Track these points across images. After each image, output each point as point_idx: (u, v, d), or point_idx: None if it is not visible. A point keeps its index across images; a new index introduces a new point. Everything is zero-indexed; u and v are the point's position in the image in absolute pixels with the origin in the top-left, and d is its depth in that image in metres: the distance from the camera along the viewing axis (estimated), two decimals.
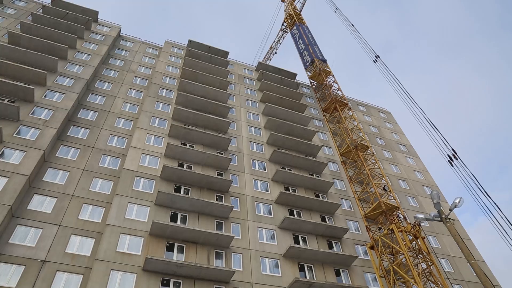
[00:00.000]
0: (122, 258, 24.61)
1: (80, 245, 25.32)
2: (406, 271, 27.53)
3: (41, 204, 26.73)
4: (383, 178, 35.46)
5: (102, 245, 24.80)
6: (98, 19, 50.63)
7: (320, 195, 37.30)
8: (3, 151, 27.98)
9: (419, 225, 28.64)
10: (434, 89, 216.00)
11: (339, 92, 47.55)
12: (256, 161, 37.85)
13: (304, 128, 43.38)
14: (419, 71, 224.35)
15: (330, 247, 32.56)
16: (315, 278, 28.92)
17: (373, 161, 39.43)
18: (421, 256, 28.90)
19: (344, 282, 29.80)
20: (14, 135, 29.45)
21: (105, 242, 25.00)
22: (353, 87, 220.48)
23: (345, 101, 45.24)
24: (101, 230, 26.50)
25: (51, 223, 25.71)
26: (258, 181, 35.55)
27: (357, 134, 43.01)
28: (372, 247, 30.45)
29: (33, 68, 34.54)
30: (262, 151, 39.52)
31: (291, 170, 38.37)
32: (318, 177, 39.10)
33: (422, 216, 20.03)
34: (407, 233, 28.60)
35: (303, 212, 34.36)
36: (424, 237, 28.74)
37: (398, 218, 30.03)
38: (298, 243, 31.39)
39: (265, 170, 37.22)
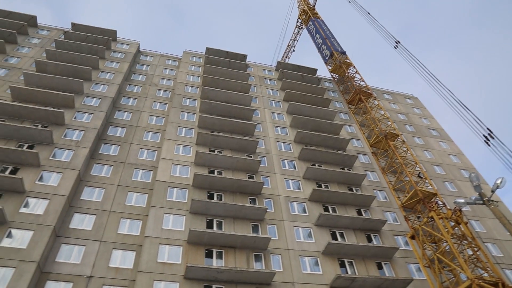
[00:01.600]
0: (164, 268, 25.01)
1: (122, 259, 25.93)
2: (452, 259, 26.67)
3: (81, 222, 27.58)
4: (417, 165, 34.53)
5: (143, 257, 25.31)
6: (117, 38, 51.87)
7: (353, 188, 36.75)
8: (42, 174, 29.10)
9: (460, 210, 27.69)
10: (461, 67, 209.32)
11: (362, 83, 46.76)
12: (286, 161, 37.70)
13: (330, 123, 42.90)
14: (443, 51, 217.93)
15: (369, 240, 31.98)
16: (357, 273, 28.47)
17: (405, 149, 38.45)
18: (465, 242, 27.96)
19: (387, 275, 29.18)
20: (50, 158, 30.58)
21: (145, 254, 25.50)
22: (376, 76, 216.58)
23: (369, 91, 44.43)
24: (141, 242, 27.04)
25: (93, 240, 26.49)
26: (290, 180, 35.39)
27: (385, 123, 42.07)
28: (412, 237, 29.70)
29: (61, 92, 35.80)
30: (291, 150, 39.33)
31: (321, 166, 38.01)
32: (350, 170, 38.54)
33: (462, 200, 19.38)
34: (448, 219, 27.72)
35: (338, 208, 33.92)
36: (467, 222, 27.78)
37: (437, 204, 29.15)
38: (336, 239, 31.00)
39: (295, 168, 37.00)
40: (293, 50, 73.11)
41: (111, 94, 39.84)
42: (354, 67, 48.98)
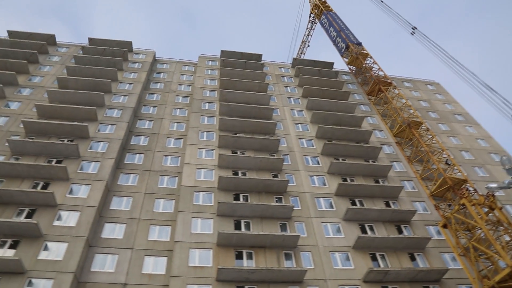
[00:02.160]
0: (195, 272, 25.27)
1: (154, 265, 26.35)
2: (488, 246, 25.86)
3: (112, 231, 28.19)
4: (444, 152, 33.67)
5: (175, 262, 25.64)
6: (133, 48, 52.73)
7: (379, 180, 36.19)
8: (71, 187, 29.91)
9: (493, 195, 26.81)
10: (482, 48, 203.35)
11: (380, 73, 45.96)
12: (309, 157, 37.47)
13: (351, 116, 42.40)
14: (460, 37, 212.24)
15: (400, 231, 31.42)
16: (389, 266, 28.02)
17: (430, 136, 37.54)
18: (501, 228, 27.05)
19: (421, 266, 28.59)
20: (78, 171, 31.40)
21: (176, 259, 25.82)
22: (394, 65, 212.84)
23: (388, 80, 43.62)
24: (171, 247, 27.40)
25: (125, 248, 27.03)
26: (314, 177, 35.15)
27: (407, 111, 41.21)
28: (444, 226, 28.95)
29: (83, 106, 36.71)
30: (313, 146, 39.06)
31: (345, 160, 37.61)
32: (374, 162, 38.00)
33: (495, 185, 18.79)
34: (481, 205, 26.86)
35: (365, 201, 33.47)
36: (502, 207, 26.88)
37: (468, 191, 28.33)
38: (366, 233, 30.59)
39: (319, 164, 36.72)
40: (308, 46, 72.55)
41: (132, 104, 40.55)
42: (371, 57, 48.22)
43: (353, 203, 33.11)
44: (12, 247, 25.13)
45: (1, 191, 27.29)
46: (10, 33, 50.10)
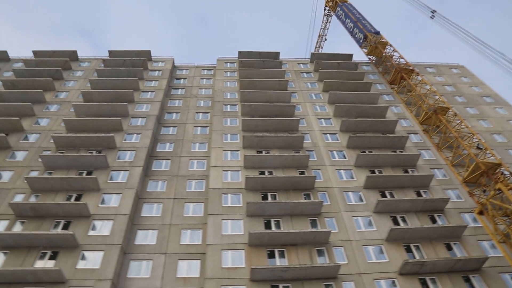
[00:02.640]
0: (229, 273, 25.43)
1: (188, 268, 26.69)
2: None
3: (145, 237, 28.73)
4: (474, 137, 32.63)
5: (208, 264, 25.89)
6: (152, 57, 53.57)
7: (408, 170, 35.40)
8: (103, 197, 30.69)
9: None
10: (504, 25, 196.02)
11: (401, 60, 45.03)
12: (334, 151, 37.07)
13: (374, 106, 41.67)
14: (487, 10, 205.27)
15: (434, 221, 30.64)
16: (425, 257, 27.34)
17: (458, 121, 36.47)
18: None
19: (458, 256, 27.77)
20: (108, 181, 32.21)
21: (209, 261, 26.06)
22: (414, 51, 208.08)
23: (410, 68, 42.70)
24: (203, 250, 27.67)
25: (158, 253, 27.49)
26: (341, 171, 34.75)
27: (433, 97, 40.15)
28: (481, 213, 28.04)
29: (108, 118, 37.67)
30: (338, 140, 38.61)
31: (372, 151, 36.99)
32: (402, 152, 37.23)
33: None
34: None
35: (395, 192, 32.82)
36: None
37: (503, 175, 27.37)
38: (398, 224, 29.97)
39: (345, 158, 36.27)
40: (325, 39, 71.83)
41: (155, 112, 41.22)
42: (390, 45, 47.35)
43: (383, 195, 32.54)
44: (51, 258, 26.03)
45: (37, 205, 28.30)
46: (35, 53, 51.87)
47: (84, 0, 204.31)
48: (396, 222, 30.12)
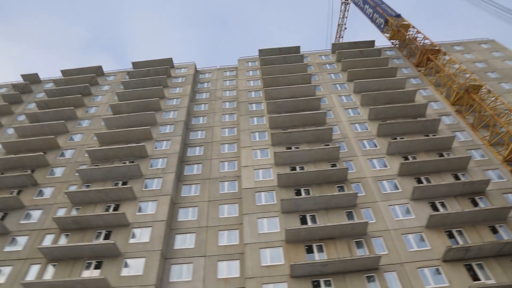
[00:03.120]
0: (269, 271, 25.49)
1: (228, 269, 26.94)
2: None
3: (183, 241, 29.25)
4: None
5: (247, 263, 26.04)
6: (174, 64, 54.38)
7: (444, 153, 34.33)
8: (140, 206, 31.46)
9: None
10: None
11: (426, 41, 43.82)
12: (365, 141, 36.45)
13: (402, 91, 40.64)
14: None
15: (475, 204, 29.55)
16: (469, 242, 26.42)
17: (493, 99, 35.08)
18: None
19: (505, 238, 26.58)
20: (143, 189, 32.97)
21: (248, 261, 26.21)
22: (439, 30, 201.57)
23: (436, 48, 41.52)
24: (242, 250, 27.86)
25: (198, 256, 27.91)
26: (374, 160, 34.14)
27: (463, 76, 38.82)
28: None
29: (138, 128, 38.57)
30: (367, 129, 37.94)
31: (403, 138, 36.11)
32: (435, 135, 36.12)
33: None
34: None
35: (431, 177, 31.90)
36: None
37: None
38: (437, 210, 29.09)
39: (376, 146, 35.60)
40: (345, 28, 71.05)
41: (182, 118, 41.85)
42: (413, 27, 46.19)
43: (419, 181, 31.72)
44: (96, 267, 26.94)
45: (79, 218, 29.34)
46: (63, 72, 53.81)
47: (104, 16, 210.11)
48: (435, 208, 29.29)
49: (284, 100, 40.66)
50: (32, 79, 54.27)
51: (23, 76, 54.17)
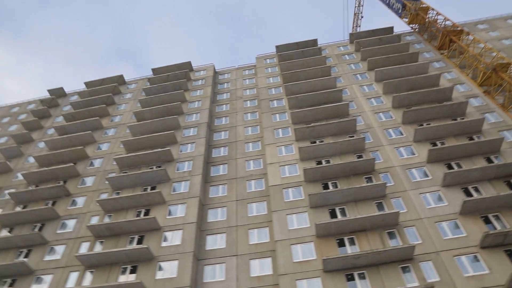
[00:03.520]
0: (302, 267, 25.40)
1: (260, 267, 27.02)
2: None
3: (214, 242, 29.52)
4: None
5: (279, 260, 26.03)
6: (193, 67, 54.84)
7: (474, 137, 33.22)
8: (169, 209, 31.95)
9: None
10: None
11: (447, 23, 42.58)
12: (390, 130, 35.76)
13: (425, 76, 39.60)
14: None
15: (511, 187, 28.51)
16: (507, 226, 25.51)
17: None
18: None
19: None
20: (171, 193, 33.48)
21: (280, 257, 26.20)
22: (460, 10, 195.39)
23: (458, 28, 40.24)
24: (273, 247, 27.88)
25: (229, 256, 28.12)
26: (401, 148, 33.44)
27: (489, 55, 37.46)
28: None
29: (162, 132, 39.13)
30: (392, 117, 37.20)
31: (430, 124, 35.20)
32: (463, 119, 35.03)
33: None
34: None
35: (462, 162, 30.96)
36: None
37: None
38: (471, 195, 28.21)
39: (402, 134, 34.86)
40: (361, 17, 69.91)
41: (205, 120, 42.18)
42: (432, 9, 44.92)
43: (450, 167, 30.87)
44: (132, 272, 27.57)
45: (112, 225, 30.06)
46: (87, 83, 55.25)
47: (119, 25, 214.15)
48: (468, 194, 28.43)
49: (305, 94, 40.37)
50: (58, 93, 55.95)
51: (49, 91, 55.95)
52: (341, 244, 26.61)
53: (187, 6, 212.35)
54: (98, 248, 30.21)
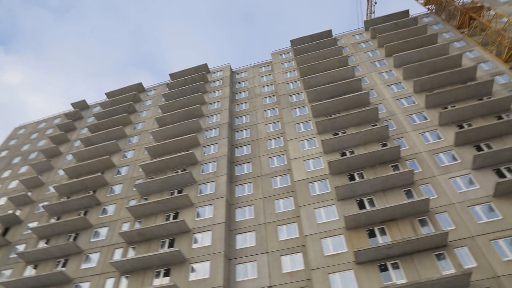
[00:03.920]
0: (333, 260, 25.21)
1: (292, 263, 26.98)
2: None
3: (244, 241, 29.64)
4: None
5: (310, 255, 25.92)
6: (210, 69, 55.14)
7: (502, 116, 32.08)
8: (197, 211, 32.28)
9: None
10: None
11: (465, 0, 41.19)
12: (414, 115, 34.99)
13: (446, 58, 38.50)
14: None
15: None
16: None
17: None
18: None
19: None
20: (198, 195, 33.83)
21: (311, 252, 26.08)
22: None
23: (478, 5, 38.92)
24: (303, 242, 27.78)
25: (260, 253, 28.18)
26: (426, 133, 32.68)
27: None
28: None
29: (184, 136, 39.55)
30: (414, 102, 36.38)
31: (454, 106, 34.26)
32: (490, 98, 33.89)
33: None
34: None
35: (492, 142, 29.93)
36: None
37: None
38: (504, 176, 27.28)
39: (426, 119, 34.04)
40: (375, 3, 68.69)
41: (225, 120, 42.37)
42: None
43: (479, 149, 29.95)
44: (165, 275, 28.04)
45: (142, 230, 30.62)
46: (107, 94, 56.41)
47: (133, 33, 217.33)
48: (501, 175, 27.49)
49: (323, 86, 39.98)
50: (81, 106, 57.37)
51: (72, 104, 57.43)
52: (372, 235, 26.27)
53: (197, 8, 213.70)
54: (131, 253, 30.85)
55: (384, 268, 24.03)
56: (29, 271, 32.96)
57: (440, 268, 22.93)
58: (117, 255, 31.22)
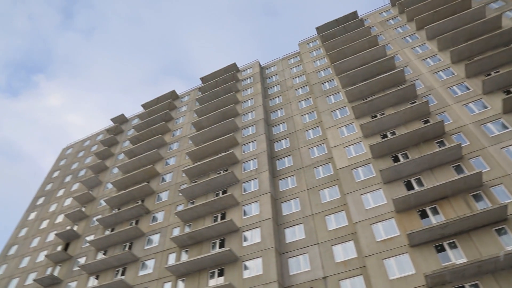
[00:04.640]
0: (386, 245, 24.63)
1: (344, 251, 26.63)
2: None
3: (293, 234, 29.59)
4: None
5: (362, 242, 25.46)
6: (239, 67, 55.37)
7: None
8: (243, 209, 32.57)
9: None
10: None
11: None
12: (454, 87, 33.43)
13: (483, 22, 36.35)
14: None
15: None
16: None
17: None
18: None
19: None
20: (242, 193, 34.13)
21: (362, 239, 25.61)
22: None
23: None
24: (353, 230, 27.35)
25: (311, 245, 28.03)
26: (470, 104, 31.07)
27: None
28: None
29: (223, 137, 40.03)
30: (453, 74, 34.72)
31: (498, 71, 32.32)
32: None
33: None
34: None
35: None
36: None
37: None
38: None
39: (469, 89, 32.37)
40: None
41: (261, 116, 42.43)
42: None
43: None
44: (219, 275, 28.54)
45: (193, 233, 31.33)
46: (144, 105, 58.09)
47: (160, 43, 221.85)
48: None
49: (355, 70, 39.06)
50: (120, 120, 59.47)
51: (112, 119, 59.65)
52: (424, 215, 25.41)
53: (218, 6, 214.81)
54: (184, 257, 31.65)
55: (441, 249, 23.16)
56: (92, 282, 34.68)
57: (503, 244, 21.70)
58: (171, 259, 32.14)
